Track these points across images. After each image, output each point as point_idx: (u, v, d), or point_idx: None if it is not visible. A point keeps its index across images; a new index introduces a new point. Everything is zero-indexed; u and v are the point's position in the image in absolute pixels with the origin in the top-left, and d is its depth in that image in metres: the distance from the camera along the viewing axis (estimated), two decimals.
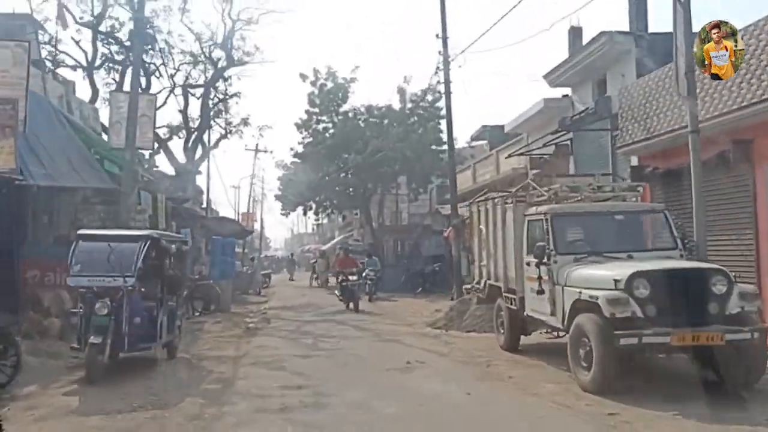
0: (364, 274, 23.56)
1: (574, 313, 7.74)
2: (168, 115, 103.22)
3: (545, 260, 8.51)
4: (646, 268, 7.35)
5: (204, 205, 28.82)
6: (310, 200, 33.87)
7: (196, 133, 23.60)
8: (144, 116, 15.09)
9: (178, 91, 23.11)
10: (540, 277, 8.60)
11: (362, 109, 32.58)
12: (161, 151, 23.32)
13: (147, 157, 23.08)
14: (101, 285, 8.90)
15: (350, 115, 32.73)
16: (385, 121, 31.07)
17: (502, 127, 25.36)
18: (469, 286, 19.17)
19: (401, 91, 30.99)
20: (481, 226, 11.62)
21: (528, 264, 9.32)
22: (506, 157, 19.86)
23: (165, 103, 35.29)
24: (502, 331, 10.59)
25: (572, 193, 9.20)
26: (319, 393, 7.53)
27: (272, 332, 14.00)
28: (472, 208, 12.36)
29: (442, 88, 22.10)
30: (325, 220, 56.81)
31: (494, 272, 10.81)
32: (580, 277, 7.91)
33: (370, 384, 8.06)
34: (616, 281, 7.21)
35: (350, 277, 18.77)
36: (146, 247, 9.40)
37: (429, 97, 30.07)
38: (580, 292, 7.64)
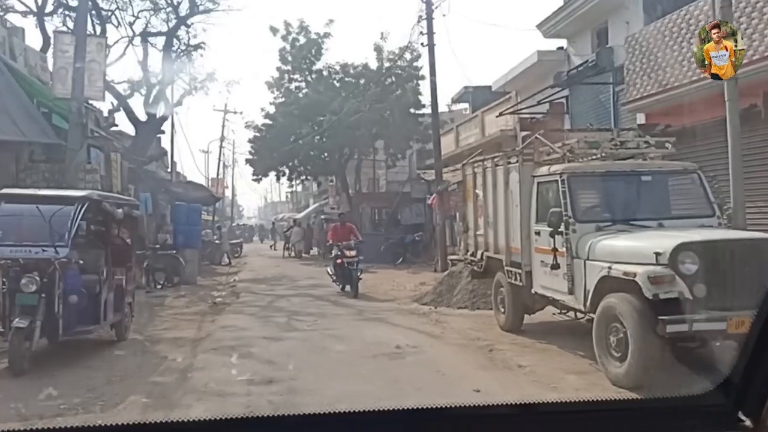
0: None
1: (600, 293, 6.44)
2: (129, 70, 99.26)
3: (561, 229, 7.18)
4: (693, 238, 6.05)
5: (169, 169, 26.94)
6: (283, 165, 32.17)
7: (158, 87, 21.63)
8: (93, 62, 13.26)
9: (138, 41, 21.06)
10: (555, 249, 7.27)
11: (337, 68, 30.83)
12: (121, 108, 21.34)
13: (106, 114, 21.17)
14: (28, 257, 7.36)
15: (324, 73, 30.97)
16: (362, 81, 29.37)
17: (487, 88, 23.92)
18: (455, 257, 18.03)
19: (378, 49, 29.25)
20: (477, 191, 10.24)
21: (538, 234, 7.98)
22: (497, 116, 18.45)
23: (124, 53, 33.26)
24: (502, 309, 9.29)
25: (591, 149, 7.82)
26: (294, 390, 6.14)
27: (241, 308, 12.56)
28: (466, 171, 10.95)
29: (420, 46, 20.66)
30: (299, 188, 55.00)
31: (493, 243, 9.46)
32: (608, 250, 6.59)
33: (355, 376, 6.69)
34: (657, 254, 5.89)
35: (347, 252, 14.25)
36: (83, 211, 7.83)
37: (407, 56, 28.39)
38: (610, 268, 6.32)
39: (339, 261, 14.41)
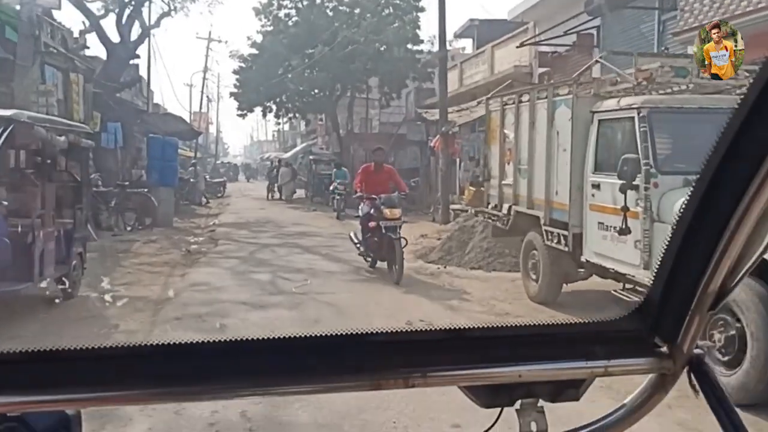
0: (332, 188, 20.44)
1: None
2: None
3: (638, 182, 5.43)
4: None
5: (146, 99, 24.63)
6: (270, 100, 29.95)
7: (132, 6, 19.23)
8: None
9: None
10: (625, 209, 5.53)
11: None
12: (93, 30, 19.02)
13: (76, 35, 18.85)
14: None
15: (317, 1, 28.45)
16: (357, 11, 26.93)
17: (496, 21, 21.78)
18: (458, 207, 16.31)
19: None
20: (505, 131, 8.42)
21: (596, 186, 6.23)
22: (517, 47, 16.43)
23: None
24: (534, 277, 7.61)
25: (677, 78, 5.98)
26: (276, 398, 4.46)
27: (217, 260, 10.81)
28: (491, 106, 9.11)
29: None
30: (287, 126, 52.61)
31: (526, 195, 7.72)
32: None
33: None
34: None
35: (387, 212, 9.03)
36: (6, 137, 5.94)
37: None
38: None
39: (372, 224, 9.25)
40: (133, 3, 19.42)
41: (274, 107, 30.45)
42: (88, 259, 8.36)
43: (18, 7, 11.91)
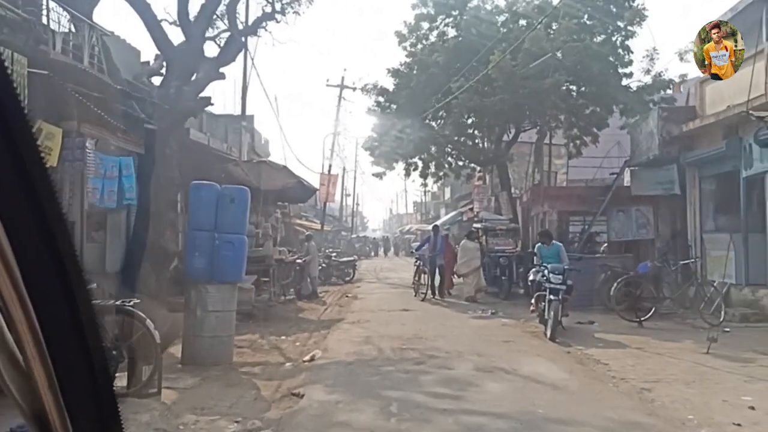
0: (533, 278, 11.25)
1: None
2: None
3: None
4: None
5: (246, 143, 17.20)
6: (415, 156, 21.91)
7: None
8: None
9: None
10: None
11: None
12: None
13: None
14: None
15: (482, 11, 20.38)
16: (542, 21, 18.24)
17: None
18: None
19: None
20: None
21: None
22: None
23: None
24: None
25: None
26: None
27: None
28: None
29: None
30: (434, 188, 44.59)
31: None
32: None
33: None
34: None
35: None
36: None
37: None
38: None
39: None
40: None
41: (420, 163, 22.32)
42: None
43: None
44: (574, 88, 18.56)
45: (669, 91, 18.95)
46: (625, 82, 18.46)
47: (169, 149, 11.54)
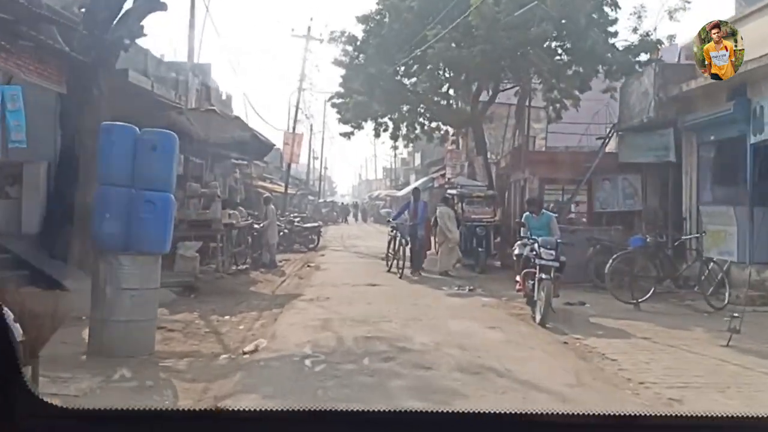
0: (519, 250, 9.75)
1: None
2: None
3: None
4: None
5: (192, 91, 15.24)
6: (385, 116, 20.23)
7: None
8: None
9: None
10: None
11: None
12: None
13: None
14: None
15: None
16: None
17: None
18: None
19: None
20: None
21: None
22: None
23: None
24: None
25: None
26: None
27: None
28: None
29: None
30: (404, 153, 42.83)
31: None
32: None
33: None
34: None
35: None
36: None
37: None
38: None
39: None
40: None
41: (390, 123, 20.66)
42: None
43: None
44: (560, 44, 17.04)
45: (660, 54, 17.48)
46: (610, 41, 16.99)
47: (97, 89, 9.71)
